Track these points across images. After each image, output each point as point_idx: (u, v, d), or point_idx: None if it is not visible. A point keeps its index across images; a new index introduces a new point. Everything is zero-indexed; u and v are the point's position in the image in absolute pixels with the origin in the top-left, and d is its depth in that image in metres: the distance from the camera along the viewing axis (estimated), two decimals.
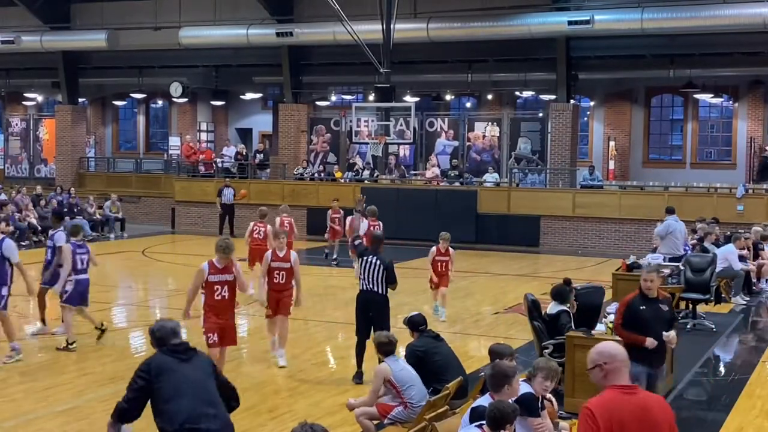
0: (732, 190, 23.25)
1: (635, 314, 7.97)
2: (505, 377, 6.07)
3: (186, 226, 27.75)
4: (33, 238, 23.62)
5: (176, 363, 5.79)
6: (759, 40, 22.98)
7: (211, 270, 9.56)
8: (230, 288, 9.62)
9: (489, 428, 5.50)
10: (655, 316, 8.02)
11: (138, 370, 5.80)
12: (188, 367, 5.80)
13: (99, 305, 15.60)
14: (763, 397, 10.12)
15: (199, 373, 5.82)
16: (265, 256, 11.14)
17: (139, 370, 5.79)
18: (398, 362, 7.85)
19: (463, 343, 12.72)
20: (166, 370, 5.74)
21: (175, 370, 5.74)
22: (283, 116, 28.18)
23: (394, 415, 7.65)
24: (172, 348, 5.88)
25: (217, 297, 9.54)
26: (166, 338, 5.93)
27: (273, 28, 26.47)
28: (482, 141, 27.04)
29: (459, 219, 23.80)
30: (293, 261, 10.96)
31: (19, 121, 33.64)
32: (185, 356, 5.85)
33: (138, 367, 5.81)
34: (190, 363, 5.84)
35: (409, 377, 7.72)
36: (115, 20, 28.53)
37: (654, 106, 29.81)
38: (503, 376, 6.08)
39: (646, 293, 8.11)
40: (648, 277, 8.12)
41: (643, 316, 7.96)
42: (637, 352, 7.65)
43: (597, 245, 23.54)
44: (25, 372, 10.75)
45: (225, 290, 9.58)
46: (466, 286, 17.35)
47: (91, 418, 8.93)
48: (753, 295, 16.75)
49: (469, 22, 24.28)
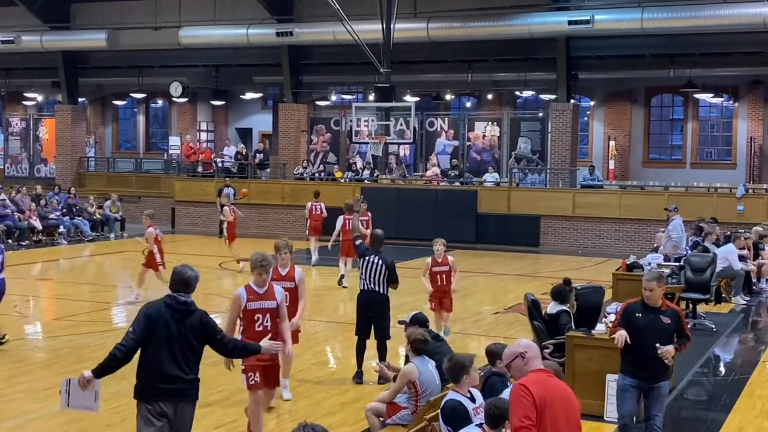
0: (732, 190, 23.25)
1: (629, 320, 7.51)
2: (463, 368, 6.44)
3: (186, 226, 27.74)
4: (33, 238, 23.63)
5: (169, 318, 6.13)
6: (759, 40, 22.98)
7: (249, 296, 8.01)
8: (273, 317, 8.01)
9: (488, 427, 5.50)
10: (652, 326, 7.43)
11: (136, 316, 6.16)
12: (179, 327, 6.15)
13: (99, 305, 15.63)
14: (763, 397, 10.12)
15: (188, 335, 6.17)
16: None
17: (136, 317, 6.16)
18: (426, 365, 7.64)
19: (463, 343, 12.72)
20: (159, 321, 6.12)
21: (166, 324, 6.11)
22: (283, 116, 28.18)
23: (400, 417, 7.56)
24: (173, 300, 6.21)
25: (258, 328, 7.90)
26: (175, 284, 6.26)
27: (273, 27, 26.47)
28: (482, 141, 27.05)
29: (459, 219, 23.81)
30: (298, 279, 9.41)
31: (19, 120, 33.65)
32: (180, 315, 6.17)
33: (137, 314, 6.17)
34: (182, 323, 6.16)
35: (432, 382, 7.55)
36: (114, 20, 28.52)
37: (654, 106, 29.81)
38: (461, 367, 6.46)
39: (646, 302, 7.59)
40: (647, 285, 7.53)
41: (636, 324, 7.46)
42: (626, 364, 7.53)
43: (597, 245, 23.54)
44: (25, 372, 10.75)
45: (267, 319, 7.98)
46: (466, 286, 17.34)
47: (91, 418, 8.91)
48: (753, 295, 16.76)
49: (469, 22, 24.28)
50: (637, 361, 7.46)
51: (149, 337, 6.09)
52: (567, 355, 9.09)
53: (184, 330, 6.15)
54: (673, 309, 7.68)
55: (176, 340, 6.12)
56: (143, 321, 6.12)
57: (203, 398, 8.71)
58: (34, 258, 21.07)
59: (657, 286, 7.50)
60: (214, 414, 9.00)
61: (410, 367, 7.57)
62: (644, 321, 7.46)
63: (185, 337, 6.16)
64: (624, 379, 7.59)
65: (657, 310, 7.50)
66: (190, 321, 6.20)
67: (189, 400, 6.30)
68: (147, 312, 6.16)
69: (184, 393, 6.23)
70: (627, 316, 7.56)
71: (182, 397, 6.22)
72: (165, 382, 6.11)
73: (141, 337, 6.09)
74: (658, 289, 7.52)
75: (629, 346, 7.44)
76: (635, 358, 7.47)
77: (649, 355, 7.38)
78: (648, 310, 7.51)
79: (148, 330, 6.09)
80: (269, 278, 8.16)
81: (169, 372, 6.11)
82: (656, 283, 7.50)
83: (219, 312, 14.75)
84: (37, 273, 19.50)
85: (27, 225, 23.71)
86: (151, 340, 6.09)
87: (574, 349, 9.05)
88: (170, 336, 6.11)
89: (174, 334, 6.12)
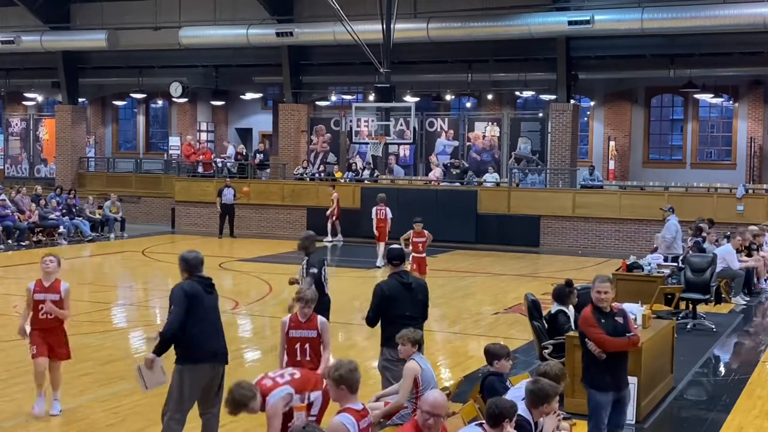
0: (732, 190, 23.24)
1: (601, 326, 7.24)
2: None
3: (186, 226, 27.75)
4: (33, 239, 23.62)
5: (203, 293, 7.25)
6: (759, 40, 22.97)
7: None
8: (314, 347, 7.76)
9: (489, 426, 5.50)
10: (614, 331, 7.24)
11: (175, 296, 7.14)
12: (211, 299, 7.36)
13: (99, 305, 15.62)
14: (763, 398, 10.12)
15: (216, 305, 7.45)
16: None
17: (176, 296, 7.13)
18: (425, 361, 7.59)
19: (463, 343, 12.74)
20: (197, 296, 7.18)
21: (202, 298, 7.22)
22: (283, 116, 28.19)
23: (401, 417, 7.47)
24: (199, 278, 7.29)
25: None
26: (196, 267, 7.31)
27: (273, 28, 26.47)
28: (482, 141, 27.05)
29: (459, 219, 23.82)
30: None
31: (19, 121, 33.65)
32: (210, 289, 7.35)
33: (173, 294, 7.16)
34: (211, 295, 7.38)
35: (431, 378, 7.48)
36: (115, 20, 28.52)
37: (654, 106, 29.82)
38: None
39: (600, 306, 7.30)
40: (602, 287, 7.23)
41: (605, 330, 7.23)
42: (602, 378, 7.27)
43: (597, 245, 23.54)
44: (25, 372, 10.74)
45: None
46: (466, 286, 17.35)
47: (91, 418, 8.93)
48: (753, 295, 16.76)
49: (469, 22, 24.28)
50: (612, 370, 7.24)
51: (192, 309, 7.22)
52: (567, 355, 9.10)
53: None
54: (619, 309, 7.53)
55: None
56: (185, 295, 7.32)
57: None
58: (34, 258, 21.07)
59: (611, 289, 7.33)
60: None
61: (413, 365, 7.43)
62: (608, 327, 7.25)
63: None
64: (600, 395, 7.28)
65: (611, 314, 7.34)
66: (215, 294, 7.53)
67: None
68: (183, 287, 7.29)
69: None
70: (597, 323, 7.27)
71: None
72: (209, 346, 7.37)
73: (188, 307, 7.19)
74: (612, 293, 7.36)
75: (602, 357, 7.22)
76: (609, 367, 7.22)
77: (619, 362, 7.29)
78: (605, 315, 7.30)
79: (191, 300, 7.24)
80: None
81: (213, 339, 7.42)
82: (609, 285, 7.34)
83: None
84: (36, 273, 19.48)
85: (27, 225, 23.72)
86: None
87: (574, 349, 9.04)
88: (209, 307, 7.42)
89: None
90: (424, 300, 8.61)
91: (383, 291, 8.36)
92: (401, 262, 8.62)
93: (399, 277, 8.47)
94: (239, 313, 15.07)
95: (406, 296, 8.41)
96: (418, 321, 8.41)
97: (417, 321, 8.39)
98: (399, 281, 8.44)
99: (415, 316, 8.44)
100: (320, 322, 7.92)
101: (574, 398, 8.79)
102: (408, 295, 8.43)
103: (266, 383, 6.89)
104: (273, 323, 14.50)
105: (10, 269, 19.22)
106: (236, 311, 15.07)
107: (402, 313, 8.28)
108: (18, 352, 11.92)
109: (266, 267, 19.79)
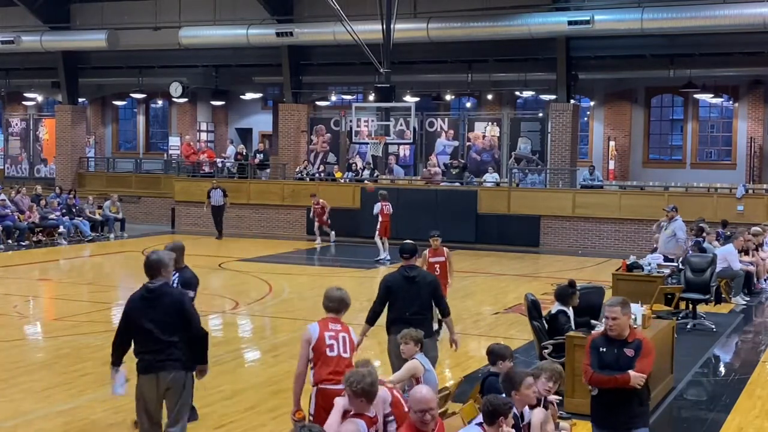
0: (732, 190, 23.24)
1: (598, 357, 6.42)
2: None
3: (186, 226, 27.74)
4: (33, 239, 23.62)
5: (142, 302, 6.83)
6: (759, 40, 22.96)
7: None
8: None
9: (486, 424, 5.52)
10: (616, 363, 6.32)
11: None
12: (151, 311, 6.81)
13: (99, 305, 15.62)
14: (763, 398, 10.12)
15: (160, 313, 6.76)
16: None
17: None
18: (429, 363, 7.56)
19: (463, 343, 12.68)
20: (134, 308, 6.86)
21: (140, 309, 6.83)
22: (283, 116, 28.18)
23: None
24: (144, 289, 6.87)
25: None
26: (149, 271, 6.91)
27: (273, 28, 26.47)
28: (482, 141, 27.04)
29: (459, 219, 23.81)
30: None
31: (19, 121, 33.64)
32: (150, 295, 6.82)
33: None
34: (152, 306, 6.80)
35: (433, 382, 7.41)
36: (115, 20, 28.51)
37: (654, 106, 29.80)
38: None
39: (609, 333, 6.41)
40: (610, 312, 6.30)
41: (602, 359, 6.39)
42: (596, 413, 6.53)
43: (597, 245, 23.53)
44: (25, 372, 10.75)
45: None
46: (466, 286, 17.34)
47: (91, 418, 8.92)
48: (753, 295, 16.76)
49: (469, 22, 24.27)
50: (608, 408, 6.40)
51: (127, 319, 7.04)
52: (567, 355, 9.10)
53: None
54: (638, 339, 6.46)
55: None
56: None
57: (203, 398, 8.74)
58: (34, 258, 21.08)
59: (621, 314, 6.29)
60: (215, 414, 9.00)
61: (416, 364, 7.38)
62: (609, 356, 6.37)
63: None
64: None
65: (623, 342, 6.36)
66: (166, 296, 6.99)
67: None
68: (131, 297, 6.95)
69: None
70: (593, 352, 6.48)
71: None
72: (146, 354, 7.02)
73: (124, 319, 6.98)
74: (624, 318, 6.32)
75: (591, 391, 6.53)
76: (605, 404, 6.42)
77: (620, 400, 6.32)
78: (611, 343, 6.39)
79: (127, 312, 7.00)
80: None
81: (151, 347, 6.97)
82: (620, 308, 6.30)
83: (219, 312, 14.80)
84: (36, 273, 19.52)
85: (27, 225, 23.71)
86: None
87: (574, 349, 9.05)
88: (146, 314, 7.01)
89: None
90: (430, 295, 8.70)
91: (386, 282, 8.70)
92: (411, 256, 8.88)
93: (404, 271, 8.71)
94: (239, 313, 15.07)
95: (407, 289, 8.55)
96: (424, 315, 8.53)
97: (422, 315, 8.46)
98: (402, 274, 8.68)
99: (419, 310, 8.53)
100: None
101: (574, 398, 8.80)
102: (410, 288, 8.55)
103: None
104: (273, 323, 14.53)
105: (10, 269, 19.21)
106: (236, 311, 15.07)
107: (403, 306, 8.46)
108: (18, 352, 11.95)
109: (266, 267, 19.79)
